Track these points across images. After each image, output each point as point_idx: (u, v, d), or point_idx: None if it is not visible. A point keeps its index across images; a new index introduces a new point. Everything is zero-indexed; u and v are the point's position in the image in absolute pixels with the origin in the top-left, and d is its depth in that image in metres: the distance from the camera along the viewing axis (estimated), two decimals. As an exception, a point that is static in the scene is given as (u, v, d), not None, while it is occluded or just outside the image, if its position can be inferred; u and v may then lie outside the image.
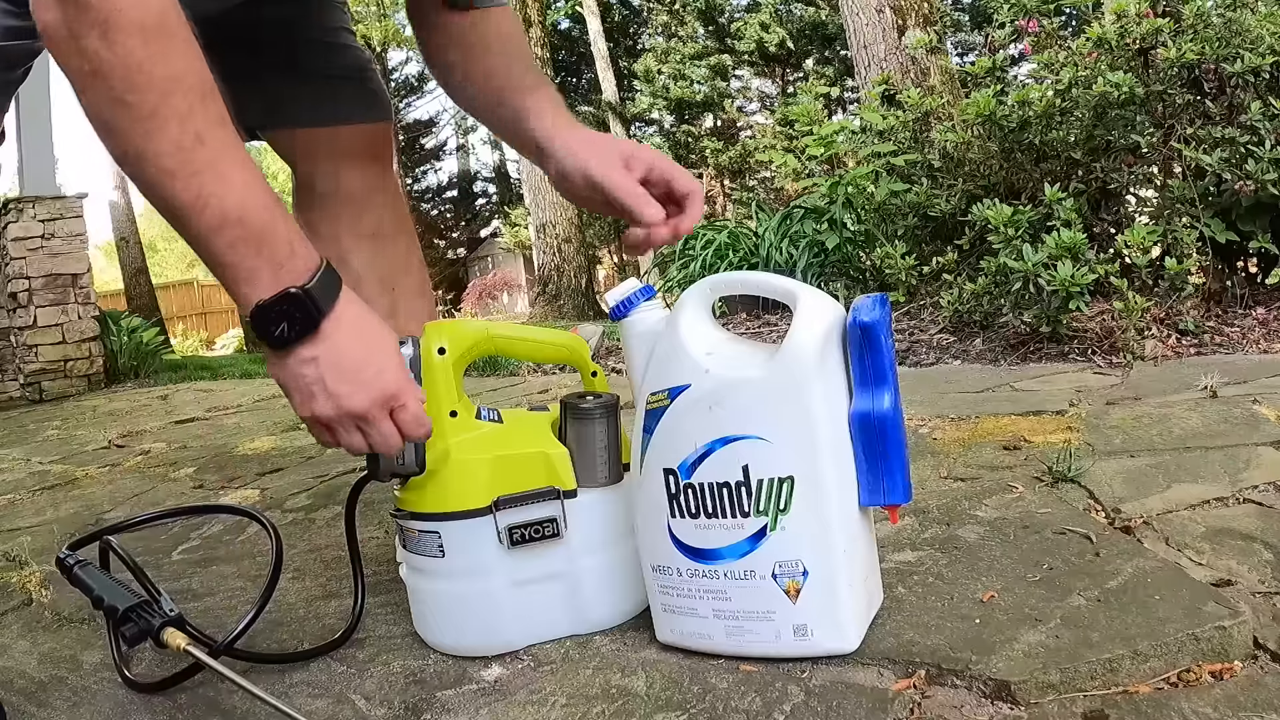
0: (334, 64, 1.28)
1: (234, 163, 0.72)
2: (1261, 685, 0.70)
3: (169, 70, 0.69)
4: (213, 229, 0.72)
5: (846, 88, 16.71)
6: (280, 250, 0.74)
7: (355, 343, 0.77)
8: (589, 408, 0.90)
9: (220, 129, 0.72)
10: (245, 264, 0.73)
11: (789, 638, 0.80)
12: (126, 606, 0.86)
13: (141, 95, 0.68)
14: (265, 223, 0.73)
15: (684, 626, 0.84)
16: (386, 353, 0.79)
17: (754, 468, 0.78)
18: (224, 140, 0.72)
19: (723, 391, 0.79)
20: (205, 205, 0.71)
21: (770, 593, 0.79)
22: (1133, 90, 2.57)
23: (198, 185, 0.70)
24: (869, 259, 3.50)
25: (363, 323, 0.78)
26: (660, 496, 0.83)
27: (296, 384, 0.76)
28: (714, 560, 0.81)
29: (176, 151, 0.70)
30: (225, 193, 0.71)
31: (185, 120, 0.70)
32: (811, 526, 0.78)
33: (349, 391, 0.76)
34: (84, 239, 5.28)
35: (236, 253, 0.72)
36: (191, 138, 0.70)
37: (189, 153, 0.70)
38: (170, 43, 0.69)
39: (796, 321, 0.78)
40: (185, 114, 0.70)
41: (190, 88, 0.70)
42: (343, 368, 0.76)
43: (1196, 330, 2.35)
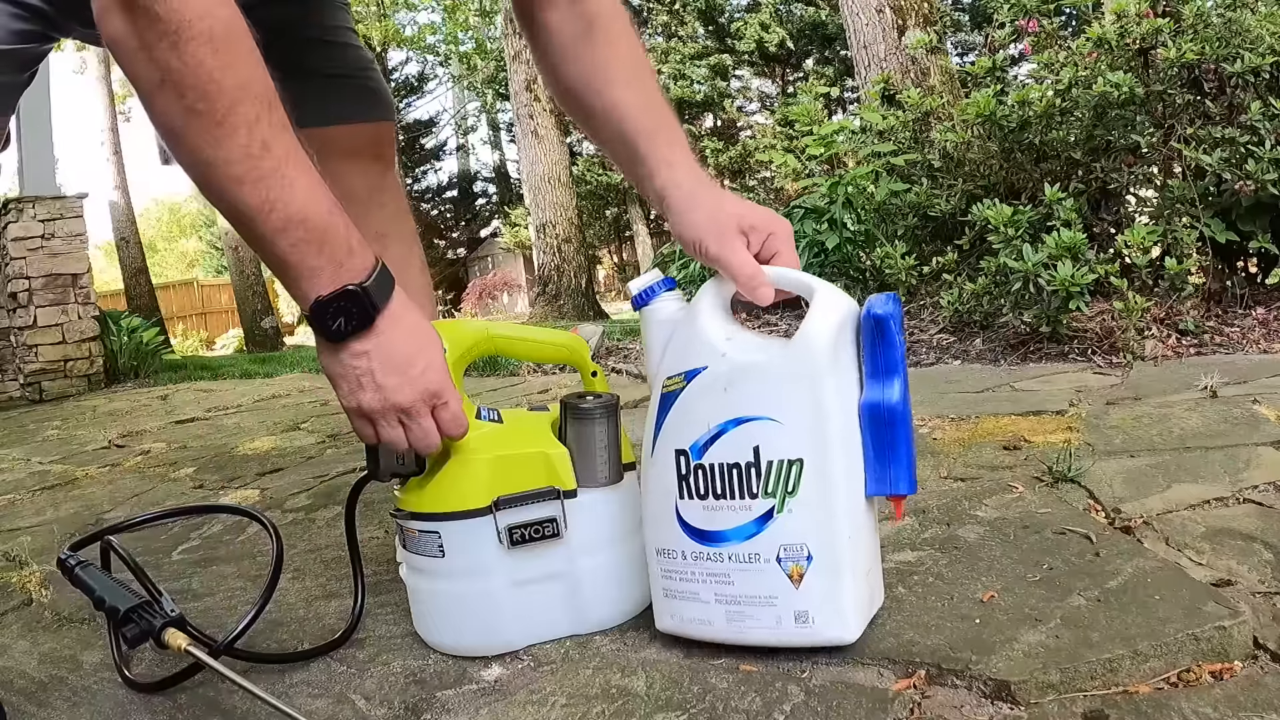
0: (335, 63, 1.28)
1: (298, 167, 0.75)
2: (1261, 685, 0.70)
3: (238, 79, 0.71)
4: (278, 231, 0.74)
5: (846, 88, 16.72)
6: (340, 250, 0.77)
7: (406, 339, 0.80)
8: (589, 408, 0.90)
9: (284, 134, 0.74)
10: (307, 263, 0.76)
11: (790, 624, 0.80)
12: (128, 607, 0.86)
13: (212, 104, 0.70)
14: (327, 224, 0.76)
15: (684, 612, 0.84)
16: (433, 351, 0.82)
17: (765, 449, 0.79)
18: (288, 145, 0.75)
19: (738, 373, 0.81)
20: (272, 209, 0.73)
21: (774, 577, 0.80)
22: (1133, 90, 2.57)
23: (265, 190, 0.73)
24: (869, 259, 3.50)
25: (413, 321, 0.82)
26: (670, 478, 0.84)
27: (347, 375, 0.80)
28: (719, 542, 0.82)
29: (245, 158, 0.72)
30: (290, 197, 0.74)
31: (253, 127, 0.72)
32: (818, 511, 0.78)
33: (397, 385, 0.79)
34: (84, 239, 5.28)
35: (299, 252, 0.76)
36: (259, 145, 0.72)
37: (257, 159, 0.72)
38: (238, 51, 0.71)
39: (813, 311, 0.80)
40: (253, 121, 0.72)
41: (257, 95, 0.72)
42: (393, 362, 0.79)
43: (1196, 330, 2.35)
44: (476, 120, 24.52)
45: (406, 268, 1.31)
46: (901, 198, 3.33)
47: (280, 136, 0.74)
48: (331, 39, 1.29)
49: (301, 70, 1.25)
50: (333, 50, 1.28)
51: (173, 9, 0.68)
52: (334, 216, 0.77)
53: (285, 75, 1.25)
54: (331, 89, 1.27)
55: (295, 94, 1.26)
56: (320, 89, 1.26)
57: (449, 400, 0.82)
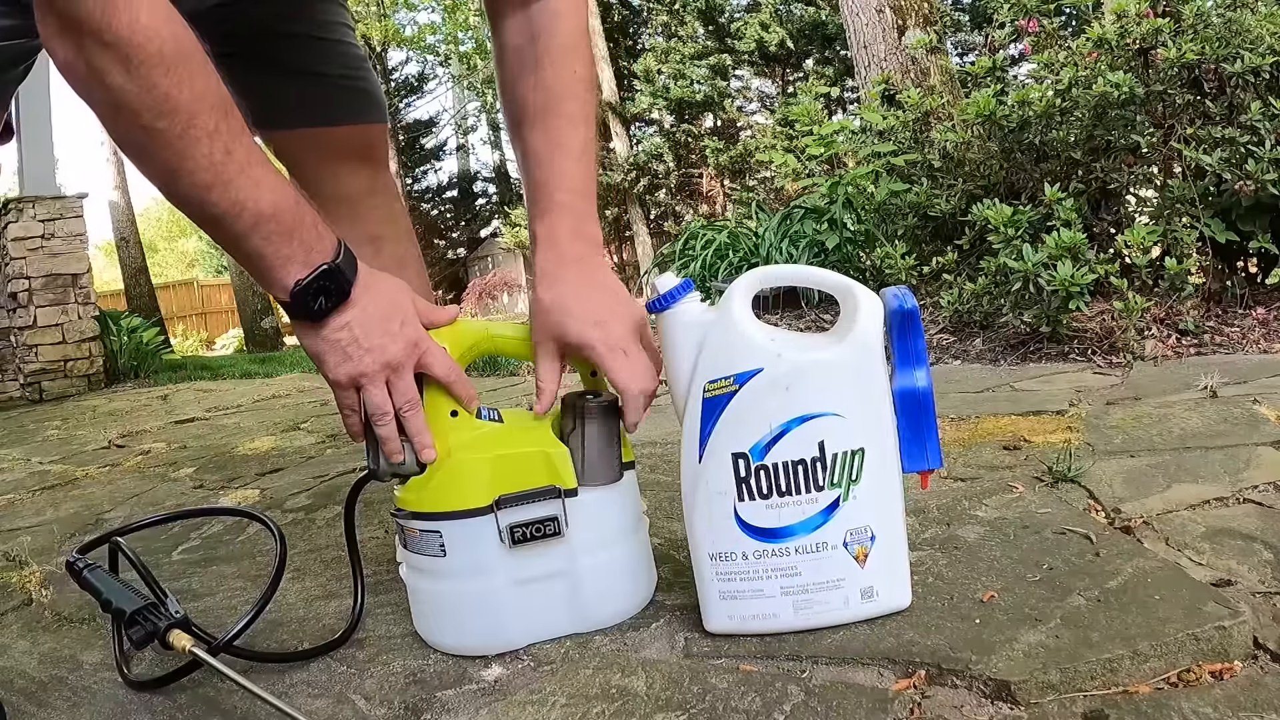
0: (325, 63, 1.26)
1: (261, 166, 0.77)
2: (1261, 685, 0.70)
3: (193, 92, 0.72)
4: (250, 228, 0.77)
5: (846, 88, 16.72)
6: (309, 235, 0.80)
7: (380, 301, 0.84)
8: (590, 407, 0.90)
9: (243, 136, 0.76)
10: (281, 253, 0.79)
11: (857, 602, 0.85)
12: (133, 609, 0.87)
13: (170, 120, 0.71)
14: (295, 214, 0.79)
15: (746, 610, 0.85)
16: (406, 304, 0.86)
17: (829, 443, 0.82)
18: (248, 146, 0.77)
19: (799, 372, 0.82)
20: (242, 209, 0.76)
21: (841, 561, 0.84)
22: (1133, 90, 2.57)
23: (233, 193, 0.75)
24: (869, 259, 3.50)
25: (383, 283, 0.86)
26: (726, 483, 0.84)
27: (333, 348, 0.82)
28: (785, 538, 0.84)
29: (210, 167, 0.73)
30: (259, 195, 0.76)
31: (214, 137, 0.73)
32: (879, 493, 0.84)
33: (382, 343, 0.83)
34: (84, 239, 5.28)
35: (272, 244, 0.78)
36: (221, 152, 0.74)
37: (221, 166, 0.74)
38: (190, 66, 0.72)
39: (860, 308, 0.84)
40: (213, 131, 0.73)
41: (213, 106, 0.74)
42: (373, 324, 0.82)
43: (1196, 330, 2.35)
44: (476, 120, 24.52)
45: (403, 268, 1.30)
46: (901, 198, 3.33)
47: (240, 140, 0.76)
48: (324, 36, 1.26)
49: (290, 69, 1.23)
50: (324, 48, 1.27)
51: (121, 36, 0.68)
52: (300, 204, 0.80)
53: (274, 74, 1.24)
54: (322, 89, 1.25)
55: (284, 94, 1.25)
56: (311, 89, 1.25)
57: (430, 347, 0.86)
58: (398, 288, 0.87)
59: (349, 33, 1.31)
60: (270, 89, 1.22)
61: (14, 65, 1.00)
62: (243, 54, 1.19)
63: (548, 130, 0.93)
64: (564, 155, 0.92)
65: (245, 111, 0.79)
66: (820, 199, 3.91)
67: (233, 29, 1.15)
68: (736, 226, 4.54)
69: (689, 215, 17.72)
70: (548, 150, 0.92)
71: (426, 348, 0.86)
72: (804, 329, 3.33)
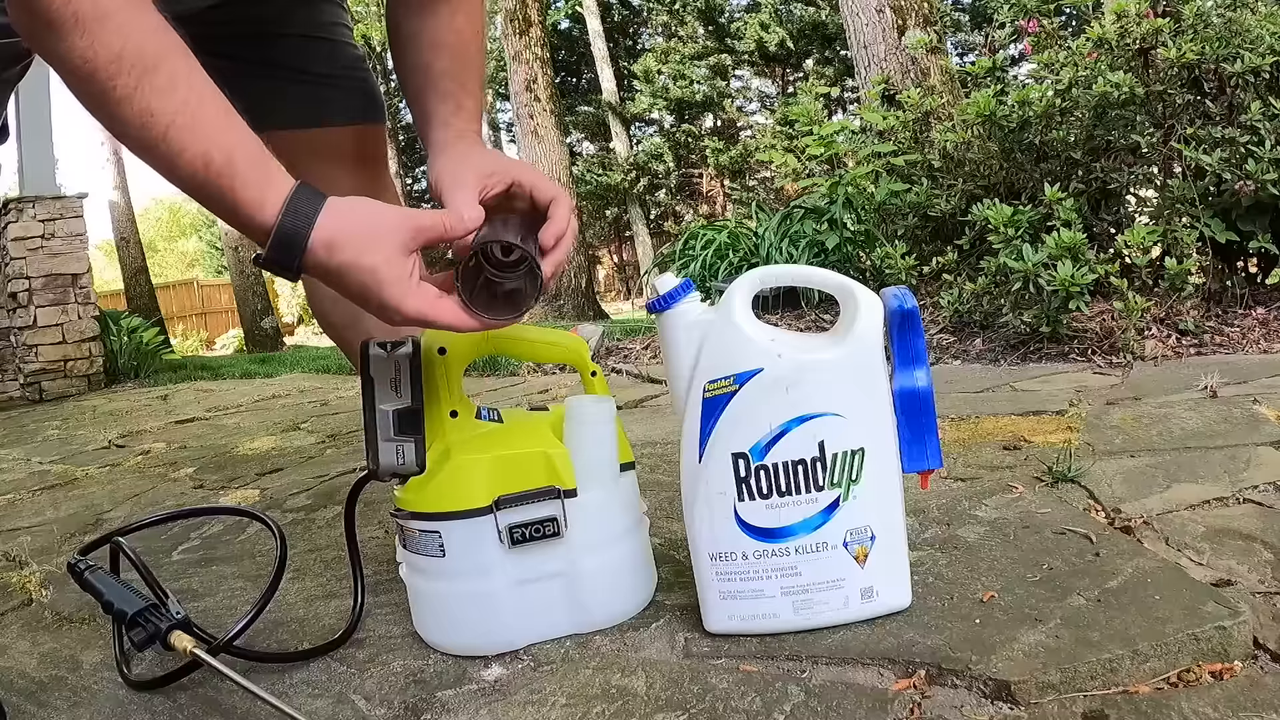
0: (322, 62, 1.25)
1: (191, 122, 0.74)
2: (1261, 685, 0.70)
3: (110, 54, 0.71)
4: (199, 177, 0.75)
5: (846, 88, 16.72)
6: (270, 165, 0.78)
7: (360, 209, 0.79)
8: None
9: (168, 95, 0.73)
10: (248, 194, 0.76)
11: (857, 602, 0.85)
12: (134, 611, 0.87)
13: (93, 84, 0.71)
14: (248, 157, 0.76)
15: (746, 610, 0.86)
16: (380, 206, 0.80)
17: (829, 443, 0.83)
18: (177, 105, 0.73)
19: (799, 373, 0.82)
20: (179, 158, 0.73)
21: (841, 561, 0.84)
22: (1133, 90, 2.57)
23: (168, 146, 0.73)
24: (869, 259, 3.50)
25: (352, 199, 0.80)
26: (726, 482, 0.84)
27: (349, 283, 0.77)
28: (785, 538, 0.84)
29: (141, 126, 0.73)
30: (193, 143, 0.73)
31: (133, 98, 0.72)
32: (879, 493, 0.84)
33: (389, 253, 0.77)
34: (84, 239, 5.28)
35: (235, 186, 0.75)
36: (143, 114, 0.72)
37: (147, 128, 0.73)
38: (107, 27, 0.71)
39: (860, 308, 0.84)
40: (133, 91, 0.72)
41: (131, 66, 0.72)
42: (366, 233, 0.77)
43: (1196, 330, 2.35)
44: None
45: None
46: (901, 198, 3.33)
47: (163, 100, 0.73)
48: (322, 36, 1.26)
49: (289, 69, 1.23)
50: (321, 47, 1.26)
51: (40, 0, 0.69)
52: (241, 149, 0.76)
53: (272, 74, 1.24)
54: (320, 89, 1.25)
55: (282, 94, 1.25)
56: (308, 89, 1.24)
57: (420, 216, 0.80)
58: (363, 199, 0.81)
59: (347, 33, 1.31)
60: (268, 89, 1.22)
61: (12, 64, 1.00)
62: (240, 54, 1.18)
63: (461, 61, 1.01)
64: (472, 85, 1.00)
65: (242, 111, 0.78)
66: (820, 199, 3.91)
67: (230, 29, 1.15)
68: (736, 226, 4.54)
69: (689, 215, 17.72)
70: (460, 75, 1.00)
71: (420, 220, 0.79)
72: (804, 329, 3.33)
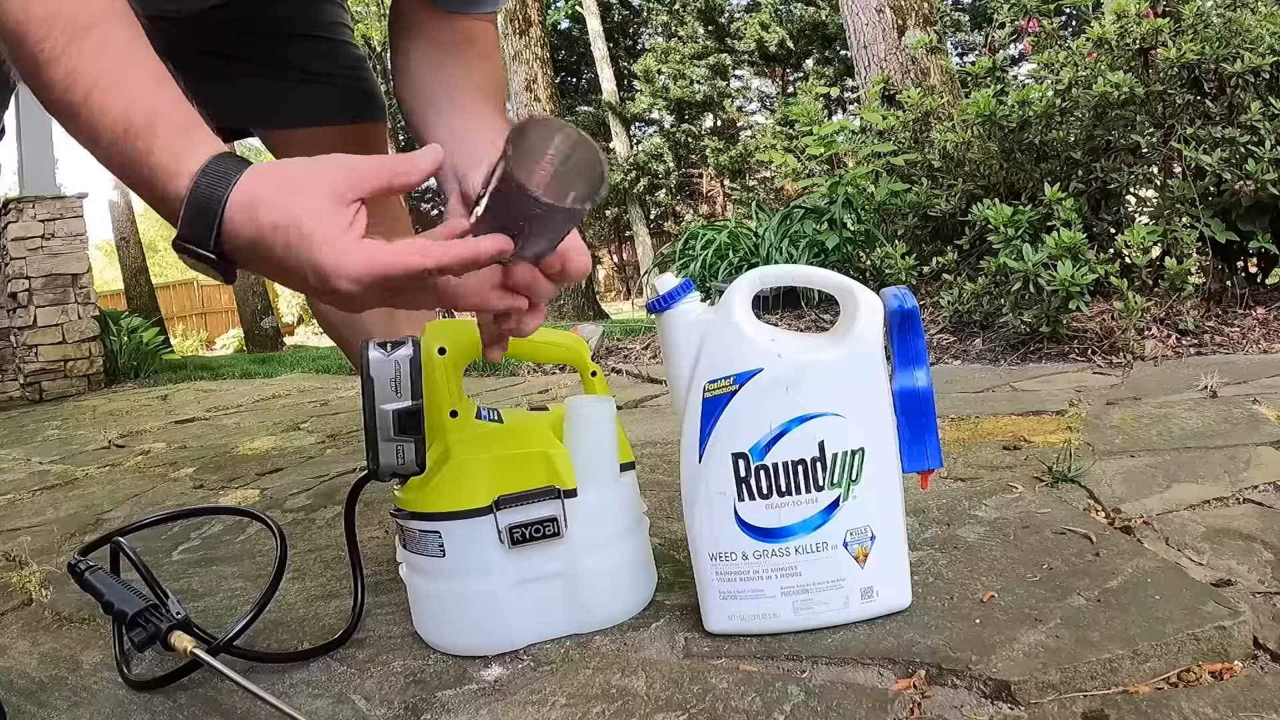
0: (325, 63, 1.26)
1: (120, 81, 0.71)
2: (1261, 685, 0.70)
3: (43, 12, 0.70)
4: (120, 145, 0.71)
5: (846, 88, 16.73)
6: (197, 135, 0.72)
7: (284, 168, 0.75)
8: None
9: (96, 57, 0.71)
10: (157, 162, 0.71)
11: (857, 602, 0.85)
12: (135, 611, 0.87)
13: (22, 47, 0.70)
14: (173, 122, 0.71)
15: (745, 610, 0.86)
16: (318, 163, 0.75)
17: (829, 443, 0.83)
18: (105, 64, 0.71)
19: (799, 373, 0.83)
20: (99, 121, 0.70)
21: (841, 561, 0.84)
22: (1133, 90, 2.58)
23: (91, 109, 0.70)
24: (869, 259, 3.50)
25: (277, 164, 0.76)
26: (726, 482, 0.84)
27: (275, 254, 0.69)
28: (785, 538, 0.84)
29: (65, 89, 0.70)
30: (114, 104, 0.70)
31: (60, 60, 0.70)
32: (879, 493, 0.84)
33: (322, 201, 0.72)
34: (84, 239, 5.28)
35: (153, 150, 0.71)
36: (68, 73, 0.70)
37: (72, 90, 0.70)
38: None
39: (860, 308, 0.84)
40: (60, 54, 0.70)
41: (62, 30, 0.70)
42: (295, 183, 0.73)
43: (1196, 330, 2.35)
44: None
45: None
46: (901, 198, 3.33)
47: (91, 61, 0.70)
48: (323, 35, 1.26)
49: (290, 69, 1.23)
50: (322, 46, 1.26)
51: None
52: (168, 114, 0.71)
53: (273, 74, 1.23)
54: (322, 89, 1.25)
55: (284, 94, 1.25)
56: (311, 89, 1.24)
57: (358, 160, 0.74)
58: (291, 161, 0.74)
59: (348, 32, 1.31)
60: (270, 89, 1.22)
61: None
62: (243, 54, 1.18)
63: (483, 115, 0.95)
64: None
65: (244, 111, 0.78)
66: (820, 199, 3.91)
67: (232, 29, 1.15)
68: (736, 226, 4.54)
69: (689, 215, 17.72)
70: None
71: (360, 166, 0.73)
72: (804, 329, 3.33)
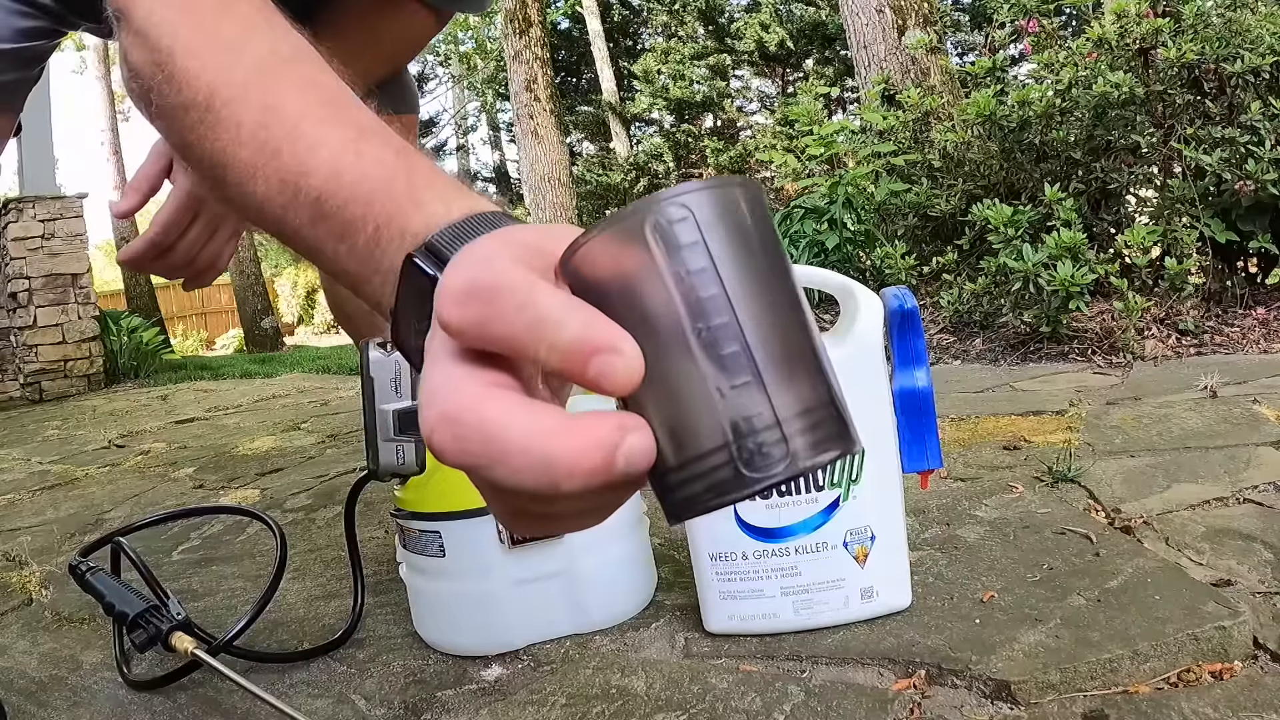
0: None
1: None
2: (1261, 685, 0.70)
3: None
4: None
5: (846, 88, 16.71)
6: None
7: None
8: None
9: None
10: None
11: (857, 602, 0.85)
12: (136, 613, 0.87)
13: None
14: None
15: (746, 610, 0.86)
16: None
17: None
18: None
19: None
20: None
21: (841, 561, 0.84)
22: (1133, 90, 2.57)
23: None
24: (869, 259, 3.50)
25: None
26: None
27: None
28: (785, 538, 0.84)
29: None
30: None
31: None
32: (879, 493, 0.84)
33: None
34: (84, 239, 5.28)
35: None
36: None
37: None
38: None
39: (861, 309, 0.84)
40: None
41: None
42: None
43: (1196, 330, 2.35)
44: (476, 120, 24.52)
45: None
46: (901, 198, 3.33)
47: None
48: None
49: None
50: None
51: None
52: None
53: None
54: None
55: None
56: None
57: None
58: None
59: None
60: None
61: (30, 67, 1.00)
62: None
63: None
64: None
65: None
66: (820, 199, 3.91)
67: None
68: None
69: (689, 215, 17.67)
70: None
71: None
72: (804, 329, 3.32)
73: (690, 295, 0.27)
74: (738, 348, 0.27)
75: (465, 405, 0.28)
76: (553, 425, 0.27)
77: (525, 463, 0.27)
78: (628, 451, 0.27)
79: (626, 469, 0.27)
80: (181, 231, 0.86)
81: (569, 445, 0.27)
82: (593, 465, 0.27)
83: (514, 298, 0.28)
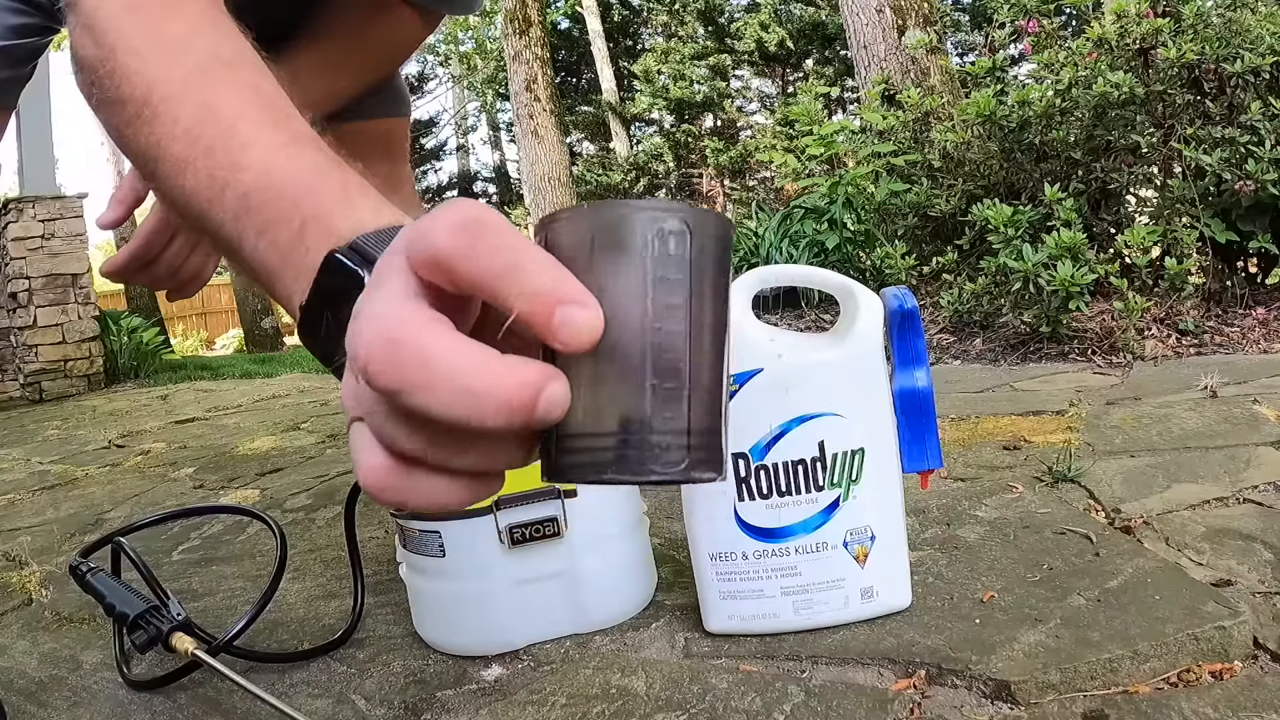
0: None
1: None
2: (1261, 685, 0.70)
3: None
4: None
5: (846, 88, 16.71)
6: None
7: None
8: None
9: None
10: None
11: (857, 602, 0.85)
12: (136, 613, 0.87)
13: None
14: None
15: (746, 610, 0.86)
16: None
17: (829, 443, 0.83)
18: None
19: (799, 373, 0.83)
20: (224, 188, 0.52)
21: (841, 561, 0.84)
22: (1133, 90, 2.57)
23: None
24: (869, 259, 3.50)
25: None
26: (726, 482, 0.84)
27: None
28: (785, 538, 0.84)
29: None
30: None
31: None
32: (879, 493, 0.84)
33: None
34: (84, 239, 5.28)
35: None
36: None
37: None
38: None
39: (860, 309, 0.84)
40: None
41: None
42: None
43: (1196, 330, 2.35)
44: (476, 120, 24.51)
45: None
46: (901, 198, 3.33)
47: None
48: None
49: None
50: None
51: None
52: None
53: None
54: None
55: None
56: None
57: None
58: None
59: None
60: None
61: (22, 64, 1.00)
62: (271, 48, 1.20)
63: None
64: None
65: None
66: (820, 199, 3.91)
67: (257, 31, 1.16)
68: (736, 226, 4.54)
69: (689, 215, 17.68)
70: None
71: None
72: (804, 329, 3.33)
73: (660, 299, 0.30)
74: (680, 357, 0.30)
75: (410, 331, 0.29)
76: (487, 359, 0.29)
77: (455, 389, 0.28)
78: (550, 395, 0.29)
79: (545, 413, 0.29)
80: (165, 243, 0.86)
81: (502, 380, 0.28)
82: (521, 401, 0.28)
83: (499, 238, 0.29)
